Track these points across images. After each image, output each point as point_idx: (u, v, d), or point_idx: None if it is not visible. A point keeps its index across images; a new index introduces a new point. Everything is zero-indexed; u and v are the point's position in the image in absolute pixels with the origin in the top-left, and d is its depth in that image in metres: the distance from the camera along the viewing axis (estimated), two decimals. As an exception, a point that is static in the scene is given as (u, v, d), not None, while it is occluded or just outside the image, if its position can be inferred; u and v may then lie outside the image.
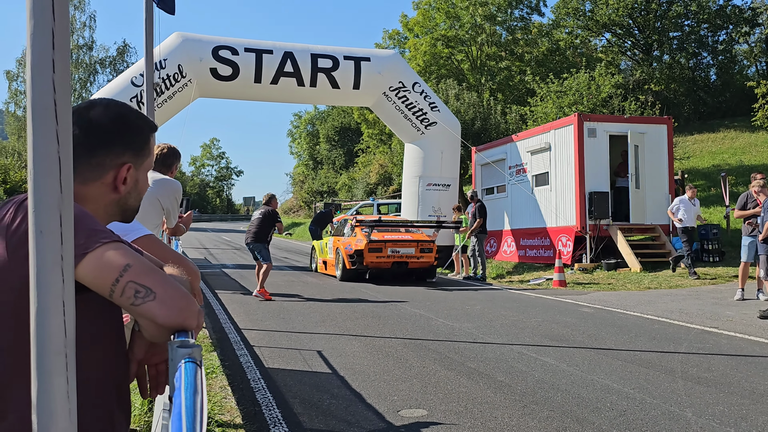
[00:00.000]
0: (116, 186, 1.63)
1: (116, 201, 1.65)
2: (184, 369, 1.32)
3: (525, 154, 18.67)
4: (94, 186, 1.60)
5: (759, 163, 24.59)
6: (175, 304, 1.40)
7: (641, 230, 16.99)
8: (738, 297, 11.16)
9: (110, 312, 1.55)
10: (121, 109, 1.68)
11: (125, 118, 1.67)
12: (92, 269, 1.37)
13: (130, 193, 1.67)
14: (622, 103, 24.64)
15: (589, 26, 36.41)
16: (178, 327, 1.41)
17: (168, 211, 4.60)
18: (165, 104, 17.00)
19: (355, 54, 18.87)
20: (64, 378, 1.17)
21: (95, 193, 1.61)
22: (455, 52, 37.67)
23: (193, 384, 1.28)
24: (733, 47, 35.60)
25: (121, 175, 1.62)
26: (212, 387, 5.81)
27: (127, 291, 1.38)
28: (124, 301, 1.39)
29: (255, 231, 12.54)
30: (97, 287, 1.39)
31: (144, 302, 1.38)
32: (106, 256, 1.38)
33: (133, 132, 1.67)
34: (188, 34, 17.75)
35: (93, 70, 48.88)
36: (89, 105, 1.66)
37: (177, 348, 1.37)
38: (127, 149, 1.65)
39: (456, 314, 10.20)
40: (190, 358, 1.35)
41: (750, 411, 5.07)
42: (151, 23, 5.55)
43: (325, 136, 60.08)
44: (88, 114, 1.63)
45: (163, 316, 1.39)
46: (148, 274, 1.40)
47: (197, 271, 2.04)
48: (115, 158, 1.62)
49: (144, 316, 1.40)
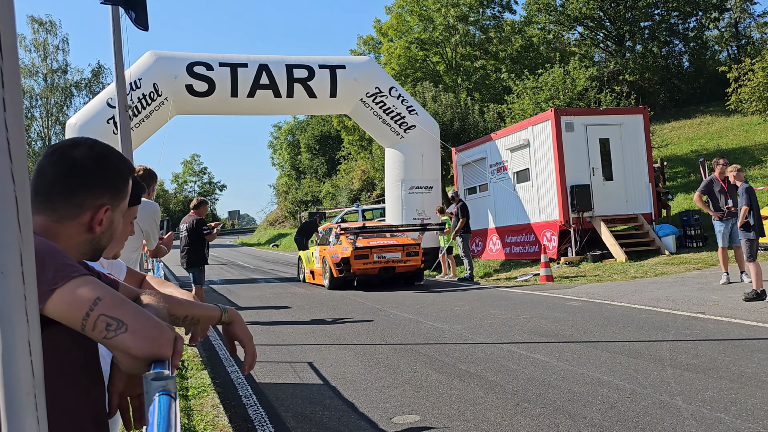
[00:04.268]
0: (92, 226, 1.62)
1: (89, 240, 1.63)
2: (158, 403, 1.31)
3: (505, 152, 18.75)
4: (69, 225, 1.59)
5: (736, 146, 24.84)
6: (148, 334, 1.40)
7: (624, 220, 17.11)
8: (723, 281, 11.24)
9: (83, 344, 1.54)
10: (104, 150, 1.67)
11: (108, 161, 1.66)
12: (62, 304, 1.37)
13: (104, 234, 1.66)
14: (597, 95, 24.79)
15: (560, 21, 36.63)
16: (152, 357, 1.41)
17: (147, 234, 4.59)
18: (142, 124, 16.94)
19: (330, 62, 18.90)
20: (35, 418, 1.16)
21: (69, 232, 1.59)
22: (430, 54, 37.76)
23: (167, 418, 1.27)
24: (703, 33, 35.97)
25: (98, 216, 1.61)
26: (204, 406, 5.78)
27: (99, 324, 1.37)
28: (96, 334, 1.38)
29: (187, 252, 10.78)
30: (69, 322, 1.38)
31: (116, 335, 1.38)
32: (75, 290, 1.38)
33: (114, 174, 1.66)
34: (162, 52, 17.70)
35: (69, 93, 48.66)
36: (73, 144, 1.64)
37: (151, 381, 1.36)
38: (107, 191, 1.64)
39: (445, 316, 10.21)
40: (163, 390, 1.34)
41: (739, 395, 5.11)
42: (119, 46, 5.54)
43: (306, 145, 59.99)
44: (71, 153, 1.61)
45: (136, 348, 1.39)
46: (118, 306, 1.39)
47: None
48: (95, 199, 1.61)
49: (117, 348, 1.40)
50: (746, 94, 23.16)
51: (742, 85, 23.46)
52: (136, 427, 1.62)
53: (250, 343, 1.99)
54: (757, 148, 23.56)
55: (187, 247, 10.70)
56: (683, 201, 20.16)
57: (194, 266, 10.72)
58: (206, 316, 1.98)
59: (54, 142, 20.12)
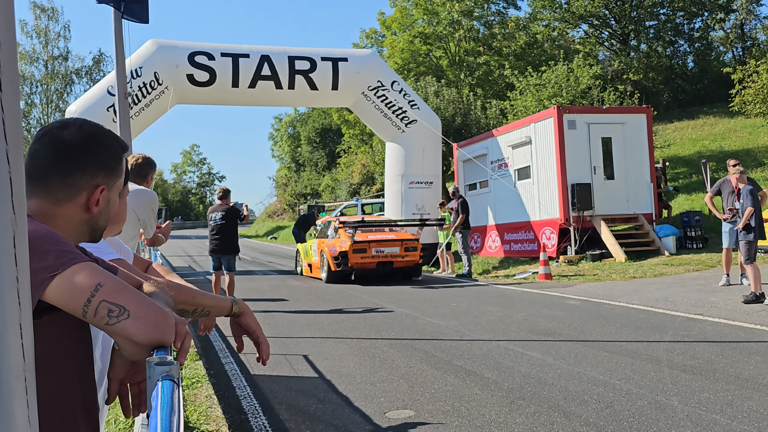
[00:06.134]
0: (89, 207, 1.61)
1: (87, 221, 1.62)
2: (161, 387, 1.30)
3: (506, 149, 18.71)
4: (66, 206, 1.58)
5: (739, 148, 24.79)
6: (150, 320, 1.39)
7: (624, 220, 17.09)
8: (723, 283, 11.24)
9: (78, 334, 1.53)
10: (94, 129, 1.66)
11: (98, 139, 1.65)
12: (63, 291, 1.36)
13: (102, 214, 1.65)
14: (601, 94, 24.74)
15: (565, 18, 36.53)
16: (155, 343, 1.40)
17: (144, 222, 4.57)
18: (142, 112, 16.91)
19: (332, 55, 18.85)
20: (24, 402, 1.15)
21: (67, 213, 1.58)
22: (433, 48, 37.69)
23: (170, 403, 1.26)
24: (708, 34, 35.88)
25: (94, 196, 1.60)
26: (198, 396, 5.77)
27: (100, 311, 1.36)
28: (98, 321, 1.37)
29: (221, 240, 11.38)
30: (69, 308, 1.37)
31: (118, 321, 1.37)
32: (76, 276, 1.37)
33: (106, 153, 1.65)
34: (163, 40, 17.66)
35: (69, 81, 48.59)
36: (62, 125, 1.63)
37: (154, 366, 1.35)
38: (101, 170, 1.62)
39: (442, 312, 10.20)
40: (167, 375, 1.33)
41: (735, 397, 5.10)
42: (120, 34, 5.51)
43: (307, 138, 59.93)
44: (61, 134, 1.60)
45: (138, 334, 1.38)
46: (120, 293, 1.38)
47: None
48: (89, 179, 1.60)
49: (119, 335, 1.39)
50: (750, 95, 23.09)
51: (746, 87, 23.39)
52: (134, 414, 1.61)
53: (261, 334, 1.99)
54: (760, 150, 23.52)
55: (220, 235, 11.30)
56: (684, 202, 20.14)
57: (231, 253, 11.32)
58: (217, 306, 1.97)
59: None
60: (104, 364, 1.91)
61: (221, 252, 11.37)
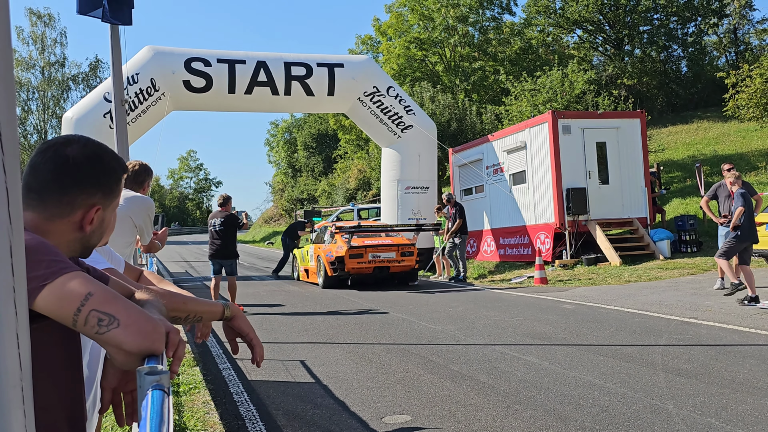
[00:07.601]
0: (82, 225, 1.61)
1: (80, 239, 1.63)
2: (151, 397, 1.31)
3: (501, 154, 18.76)
4: (60, 223, 1.58)
5: (732, 152, 24.88)
6: (140, 329, 1.39)
7: (619, 224, 17.14)
8: (717, 286, 11.26)
9: (67, 342, 1.53)
10: (97, 149, 1.66)
11: (101, 159, 1.65)
12: (53, 300, 1.36)
13: (95, 233, 1.65)
14: (595, 98, 24.82)
15: (560, 23, 36.67)
16: (146, 352, 1.40)
17: (141, 229, 4.58)
18: (139, 119, 16.91)
19: (328, 61, 18.88)
20: (22, 411, 1.16)
21: (60, 229, 1.59)
22: (429, 54, 37.78)
23: (159, 413, 1.27)
24: (702, 39, 36.01)
25: (89, 215, 1.61)
26: (195, 402, 5.77)
27: (90, 320, 1.36)
28: (88, 330, 1.38)
29: (220, 245, 11.57)
30: (60, 317, 1.38)
31: (108, 330, 1.37)
32: (66, 286, 1.37)
33: (107, 174, 1.65)
34: (159, 47, 17.67)
35: (66, 87, 48.57)
36: (66, 141, 1.63)
37: (144, 375, 1.35)
38: (99, 190, 1.63)
39: (438, 317, 10.21)
40: (157, 384, 1.34)
41: (730, 400, 5.12)
42: (117, 41, 5.52)
43: (303, 143, 59.93)
44: (64, 151, 1.60)
45: (128, 343, 1.38)
46: (110, 302, 1.39)
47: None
48: (87, 198, 1.60)
49: (110, 343, 1.39)
50: (744, 100, 23.18)
51: (739, 91, 23.49)
52: (128, 423, 1.62)
53: (255, 336, 2.00)
54: (753, 154, 23.62)
55: (220, 240, 11.54)
56: (678, 206, 20.20)
57: (230, 258, 11.55)
58: (209, 311, 1.98)
59: (51, 136, 20.00)
60: (92, 372, 1.92)
61: (220, 257, 11.61)
